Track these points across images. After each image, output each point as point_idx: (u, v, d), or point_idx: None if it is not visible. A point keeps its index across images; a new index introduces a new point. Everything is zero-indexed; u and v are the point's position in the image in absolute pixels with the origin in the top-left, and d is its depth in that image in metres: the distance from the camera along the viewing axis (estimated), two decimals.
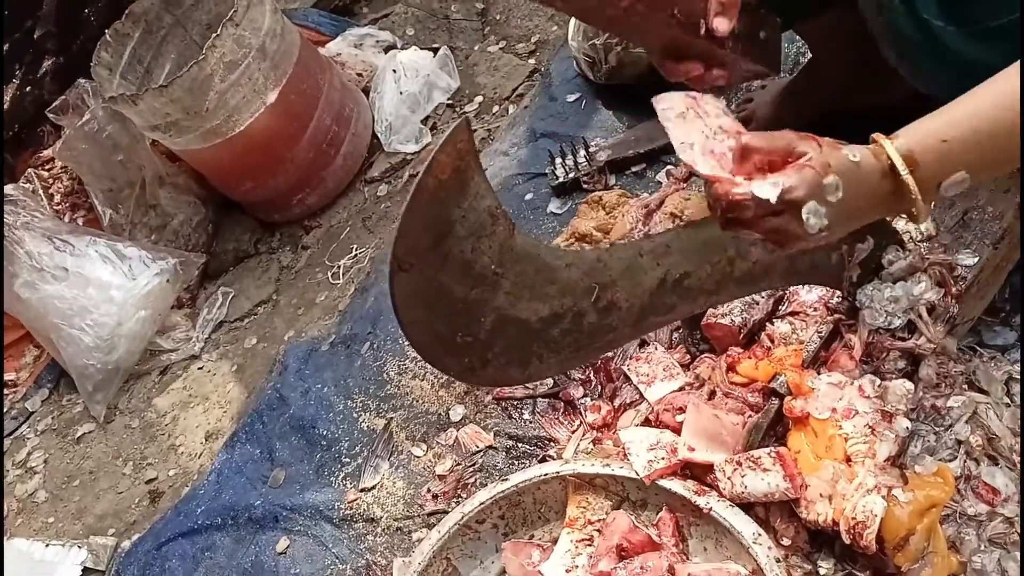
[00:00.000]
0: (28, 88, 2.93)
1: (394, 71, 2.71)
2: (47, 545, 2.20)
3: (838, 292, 1.48)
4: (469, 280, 1.13)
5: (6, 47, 2.93)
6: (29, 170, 2.86)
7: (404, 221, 1.05)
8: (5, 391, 2.70)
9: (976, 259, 1.42)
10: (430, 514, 1.73)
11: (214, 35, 2.31)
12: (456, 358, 1.21)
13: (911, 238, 1.48)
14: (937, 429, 1.35)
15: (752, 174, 1.05)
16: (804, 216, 1.04)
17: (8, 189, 2.61)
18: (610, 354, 1.68)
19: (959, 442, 1.33)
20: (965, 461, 1.31)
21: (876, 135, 1.11)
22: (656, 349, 1.64)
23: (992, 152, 1.09)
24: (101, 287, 2.46)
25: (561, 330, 1.25)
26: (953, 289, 1.40)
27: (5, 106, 2.91)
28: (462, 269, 1.12)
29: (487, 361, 1.22)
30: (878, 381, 1.37)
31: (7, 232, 2.49)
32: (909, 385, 1.35)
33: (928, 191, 1.10)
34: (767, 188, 1.02)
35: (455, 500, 1.65)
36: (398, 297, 1.10)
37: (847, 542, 1.25)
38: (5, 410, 2.66)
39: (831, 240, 1.11)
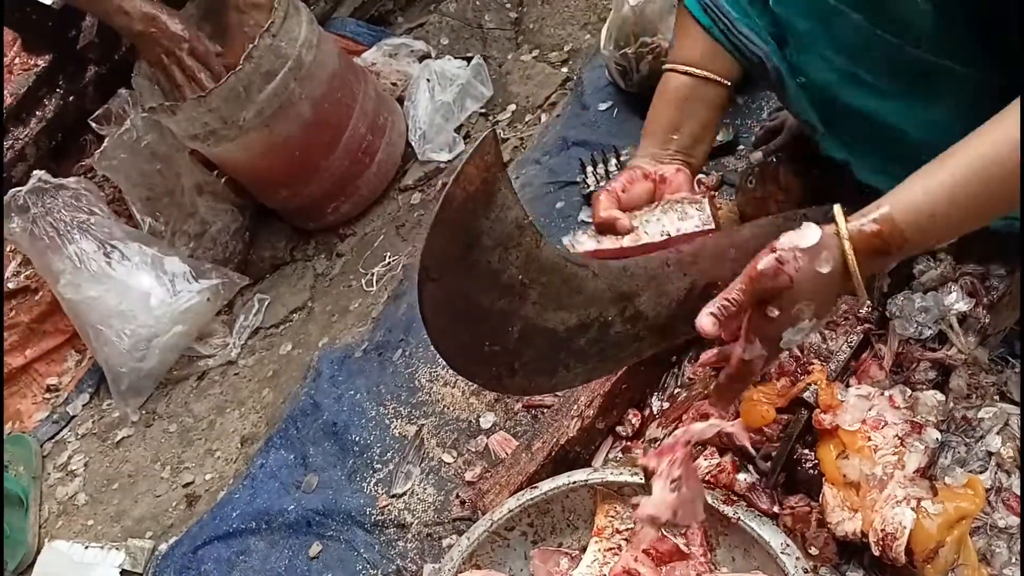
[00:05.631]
0: (71, 98, 2.98)
1: (428, 80, 2.73)
2: (86, 547, 2.24)
3: (868, 302, 1.47)
4: (496, 290, 1.14)
5: (51, 57, 3.00)
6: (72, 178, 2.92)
7: (432, 232, 1.06)
8: (48, 395, 2.76)
9: (1008, 269, 1.41)
10: (455, 520, 1.74)
11: (251, 46, 2.34)
12: (484, 367, 1.22)
13: (942, 248, 1.48)
14: (968, 440, 1.34)
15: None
16: (785, 346, 1.14)
17: (71, 181, 2.65)
18: None
19: (990, 454, 1.32)
20: (996, 473, 1.30)
21: (843, 230, 1.11)
22: None
23: (968, 221, 1.09)
24: (142, 297, 2.50)
25: (588, 340, 1.26)
26: (984, 299, 1.40)
27: (49, 115, 2.98)
28: (489, 279, 1.13)
29: (515, 370, 1.23)
30: (908, 392, 1.37)
31: (59, 225, 2.53)
32: (940, 396, 1.35)
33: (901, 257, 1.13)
34: (751, 349, 1.15)
35: (480, 508, 1.66)
36: (427, 307, 1.12)
37: (876, 553, 1.25)
38: (48, 415, 2.71)
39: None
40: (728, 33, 1.42)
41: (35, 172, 2.60)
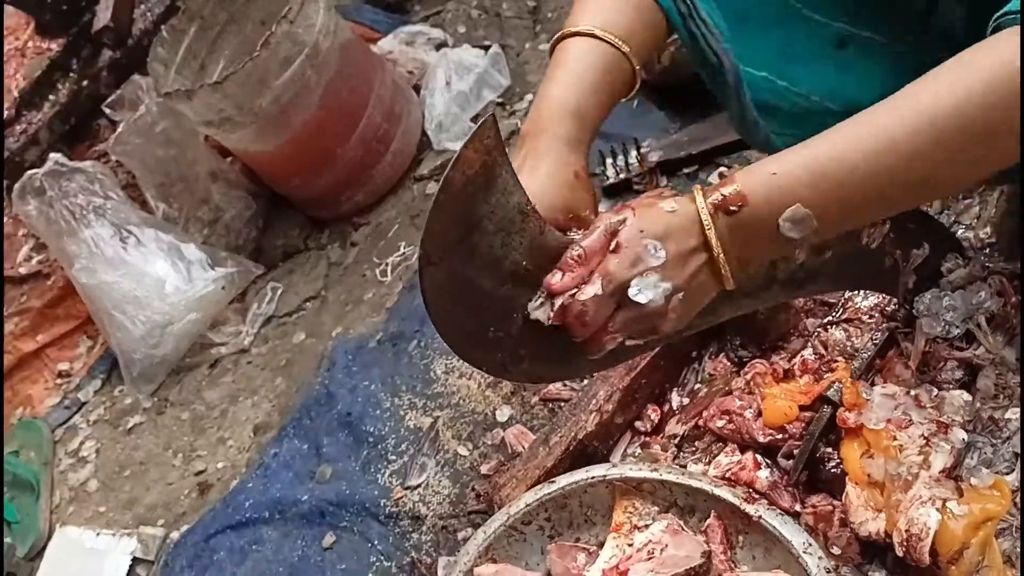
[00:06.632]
0: (85, 82, 2.98)
1: (445, 69, 2.71)
2: (98, 534, 2.24)
3: (894, 299, 1.45)
4: (499, 276, 1.12)
5: (64, 40, 2.99)
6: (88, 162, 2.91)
7: (432, 216, 1.04)
8: (59, 381, 2.76)
9: None
10: (470, 513, 1.73)
11: (268, 32, 2.32)
12: (488, 353, 1.20)
13: (971, 246, 1.46)
14: (994, 441, 1.32)
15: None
16: (633, 297, 1.04)
17: (87, 165, 2.64)
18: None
19: (1016, 455, 1.30)
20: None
21: (696, 186, 1.08)
22: None
23: (831, 191, 1.00)
24: (157, 284, 2.49)
25: None
26: (1013, 299, 1.38)
27: (63, 100, 2.97)
28: (492, 264, 1.11)
29: (520, 357, 1.21)
30: (935, 391, 1.35)
31: (75, 209, 2.53)
32: (966, 396, 1.33)
33: (767, 233, 1.03)
34: (587, 289, 1.05)
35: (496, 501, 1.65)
36: (428, 291, 1.10)
37: (900, 554, 1.23)
38: (59, 400, 2.71)
39: (689, 315, 1.11)
40: (690, 18, 1.27)
41: (51, 155, 2.59)
